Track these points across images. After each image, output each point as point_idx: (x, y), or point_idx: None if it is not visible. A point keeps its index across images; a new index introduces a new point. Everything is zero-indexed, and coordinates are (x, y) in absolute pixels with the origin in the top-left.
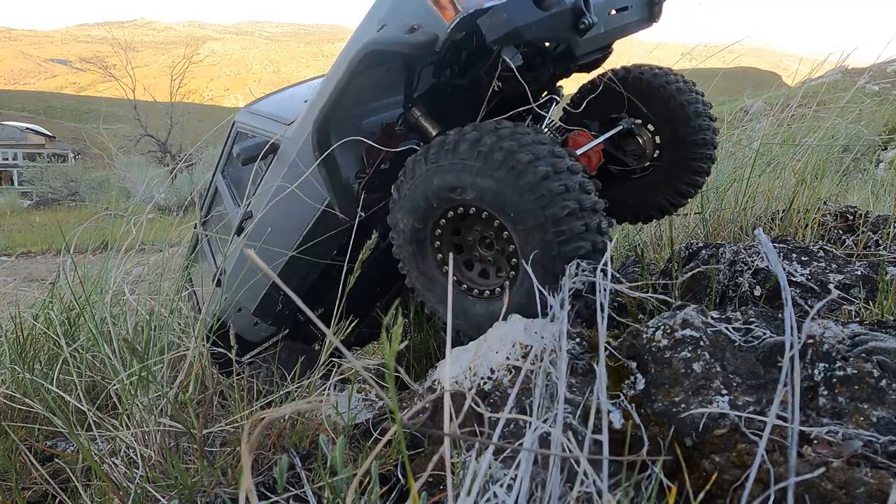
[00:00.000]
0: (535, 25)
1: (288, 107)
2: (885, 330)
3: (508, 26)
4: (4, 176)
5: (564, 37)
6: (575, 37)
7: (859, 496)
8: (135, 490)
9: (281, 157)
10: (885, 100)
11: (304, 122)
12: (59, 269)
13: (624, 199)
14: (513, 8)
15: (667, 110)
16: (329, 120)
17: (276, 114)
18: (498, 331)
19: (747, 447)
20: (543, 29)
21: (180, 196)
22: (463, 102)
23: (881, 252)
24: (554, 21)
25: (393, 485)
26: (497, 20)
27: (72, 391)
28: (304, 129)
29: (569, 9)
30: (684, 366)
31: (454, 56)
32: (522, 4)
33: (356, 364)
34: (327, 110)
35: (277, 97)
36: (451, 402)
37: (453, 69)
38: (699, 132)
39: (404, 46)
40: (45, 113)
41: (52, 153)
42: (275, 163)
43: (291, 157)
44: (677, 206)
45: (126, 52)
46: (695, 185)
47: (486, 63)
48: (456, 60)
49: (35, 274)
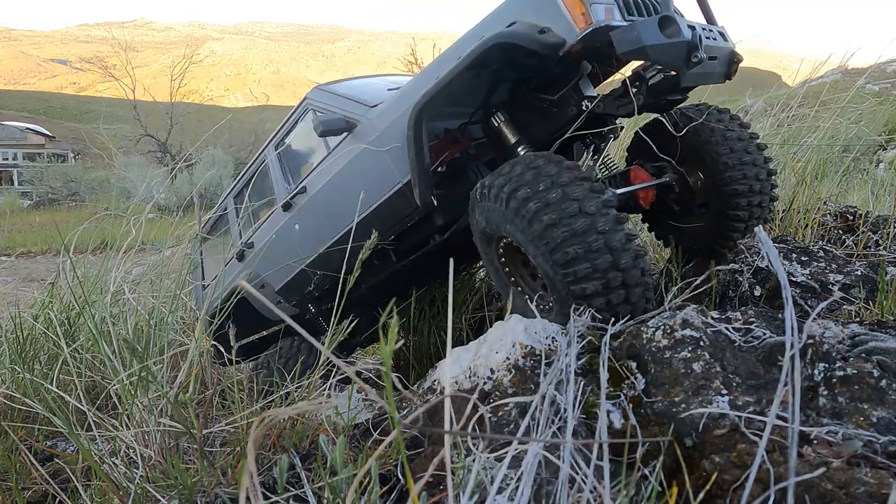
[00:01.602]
0: (659, 48)
1: (369, 92)
2: (885, 330)
3: (638, 43)
4: (4, 176)
5: (677, 65)
6: (685, 68)
7: (859, 496)
8: (135, 490)
9: (357, 137)
10: (885, 100)
11: (395, 105)
12: (58, 269)
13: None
14: (643, 28)
15: (706, 158)
16: (430, 105)
17: (358, 96)
18: (498, 331)
19: (747, 447)
20: (664, 54)
21: (180, 196)
22: (544, 117)
23: (881, 252)
24: (672, 49)
25: (393, 485)
26: (629, 36)
27: (72, 391)
28: (392, 113)
29: (686, 41)
30: (684, 366)
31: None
32: (651, 27)
33: (349, 369)
34: (432, 95)
35: (353, 83)
36: (451, 403)
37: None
38: (735, 182)
39: (535, 44)
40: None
41: (52, 153)
42: (348, 140)
43: (371, 137)
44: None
45: (126, 52)
46: (732, 231)
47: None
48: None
49: (35, 274)
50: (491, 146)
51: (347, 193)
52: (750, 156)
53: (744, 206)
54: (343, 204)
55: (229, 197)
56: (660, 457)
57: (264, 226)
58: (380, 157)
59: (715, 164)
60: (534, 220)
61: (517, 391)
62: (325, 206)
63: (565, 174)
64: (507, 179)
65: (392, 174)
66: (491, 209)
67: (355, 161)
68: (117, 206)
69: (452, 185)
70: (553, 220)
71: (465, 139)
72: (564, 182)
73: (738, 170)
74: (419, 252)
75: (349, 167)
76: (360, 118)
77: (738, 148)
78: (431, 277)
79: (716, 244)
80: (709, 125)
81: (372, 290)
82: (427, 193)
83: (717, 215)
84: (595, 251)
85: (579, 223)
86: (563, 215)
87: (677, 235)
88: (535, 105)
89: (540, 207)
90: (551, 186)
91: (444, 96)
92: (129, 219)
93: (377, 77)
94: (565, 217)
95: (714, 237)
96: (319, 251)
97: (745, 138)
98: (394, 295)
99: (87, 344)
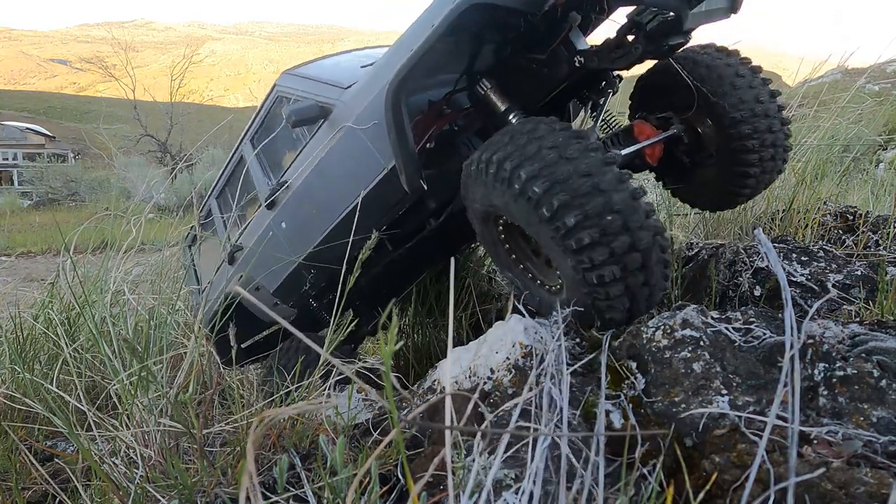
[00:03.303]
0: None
1: (341, 71)
2: (885, 330)
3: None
4: (4, 176)
5: (675, 5)
6: (686, 9)
7: (859, 496)
8: (135, 490)
9: (334, 123)
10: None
11: (370, 84)
12: (58, 269)
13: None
14: None
15: (714, 106)
16: (407, 81)
17: (329, 78)
18: (498, 331)
19: (747, 447)
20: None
21: (180, 196)
22: (534, 79)
23: (881, 252)
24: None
25: (393, 485)
26: None
27: (72, 391)
28: (368, 93)
29: None
30: (684, 366)
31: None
32: None
33: (346, 370)
34: (408, 70)
35: (324, 63)
36: (451, 403)
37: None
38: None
39: (513, 0)
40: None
41: (52, 153)
42: (325, 128)
43: (349, 122)
44: (732, 205)
45: (126, 52)
46: (741, 188)
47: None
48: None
49: (35, 274)
50: (480, 116)
51: (331, 185)
52: (762, 105)
53: (754, 161)
54: (327, 197)
55: (211, 198)
56: (660, 457)
57: (251, 225)
58: (360, 143)
59: (723, 114)
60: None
61: (517, 391)
62: (309, 202)
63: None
64: (497, 152)
65: (375, 160)
66: (484, 187)
67: (335, 150)
68: (117, 206)
69: (443, 163)
70: (564, 200)
71: (452, 110)
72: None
73: (749, 122)
74: (415, 239)
75: (329, 157)
76: (335, 102)
77: (749, 97)
78: (433, 262)
79: (726, 199)
80: (716, 70)
81: (371, 281)
82: (415, 177)
83: (727, 168)
84: (612, 233)
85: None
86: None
87: (689, 190)
88: (523, 66)
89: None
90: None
91: (421, 69)
92: (129, 219)
93: (350, 53)
94: (578, 196)
95: (724, 192)
96: (309, 250)
97: (756, 85)
98: (395, 283)
99: (87, 344)
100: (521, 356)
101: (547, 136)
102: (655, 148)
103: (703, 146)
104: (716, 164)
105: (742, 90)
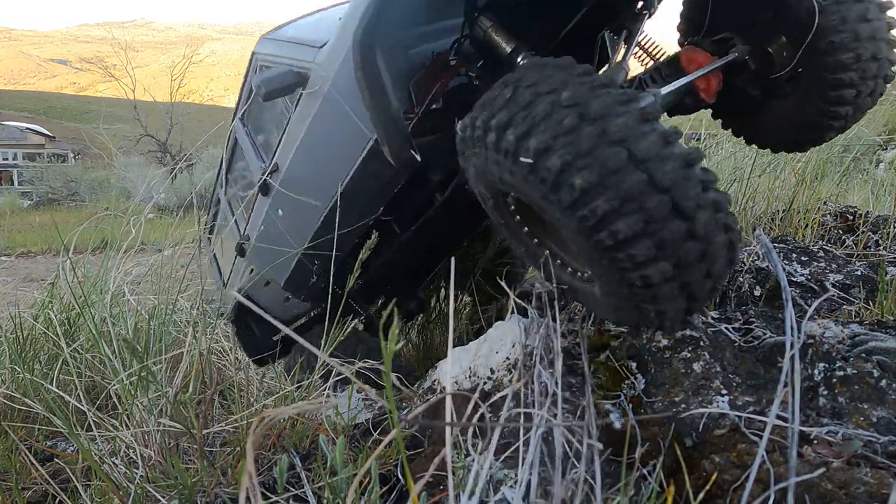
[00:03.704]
0: None
1: (318, 29)
2: (885, 330)
3: None
4: (4, 176)
5: None
6: None
7: (859, 496)
8: (135, 490)
9: (312, 90)
10: (885, 100)
11: (341, 38)
12: (58, 269)
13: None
14: None
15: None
16: (375, 27)
17: (305, 37)
18: (498, 331)
19: (747, 447)
20: None
21: (180, 196)
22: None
23: (881, 252)
24: None
25: (393, 485)
26: None
27: (72, 391)
28: (341, 47)
29: None
30: (684, 366)
31: None
32: None
33: (346, 371)
34: (377, 7)
35: (304, 21)
36: (451, 403)
37: None
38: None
39: None
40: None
41: (52, 153)
42: (304, 98)
43: (325, 88)
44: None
45: (126, 52)
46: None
47: None
48: None
49: (35, 274)
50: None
51: (318, 165)
52: (868, 25)
53: (849, 97)
54: (317, 179)
55: (218, 185)
56: (660, 457)
57: (253, 214)
58: (341, 112)
59: (819, 35)
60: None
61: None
62: (299, 185)
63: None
64: (495, 114)
65: (359, 131)
66: (483, 160)
67: (315, 122)
68: (117, 206)
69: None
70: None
71: (460, 61)
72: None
73: (851, 48)
74: (422, 219)
75: (311, 132)
76: (310, 65)
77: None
78: (450, 240)
79: (809, 136)
80: None
81: (383, 267)
82: (402, 148)
83: (813, 100)
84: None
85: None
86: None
87: (758, 128)
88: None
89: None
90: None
91: (398, 8)
92: (129, 219)
93: (336, 7)
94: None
95: (807, 127)
96: (309, 238)
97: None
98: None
99: (87, 344)
100: (521, 355)
101: (561, 87)
102: (711, 79)
103: (778, 67)
104: (795, 93)
105: (845, 4)
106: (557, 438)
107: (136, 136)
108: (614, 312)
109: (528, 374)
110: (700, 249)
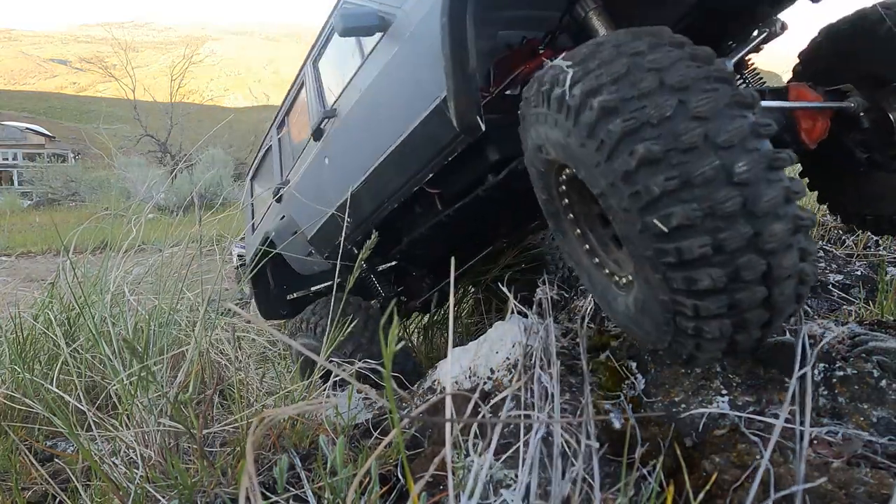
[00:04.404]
0: None
1: None
2: (885, 330)
3: None
4: (4, 176)
5: None
6: None
7: (859, 496)
8: (135, 490)
9: (393, 36)
10: None
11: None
12: (58, 269)
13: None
14: None
15: None
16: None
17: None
18: (498, 331)
19: (747, 447)
20: None
21: (180, 196)
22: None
23: (881, 252)
24: None
25: (393, 485)
26: None
27: (72, 391)
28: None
29: None
30: (684, 366)
31: None
32: None
33: (345, 373)
34: None
35: None
36: (451, 402)
37: None
38: None
39: None
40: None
41: (52, 153)
42: (383, 44)
43: (407, 34)
44: None
45: (126, 52)
46: None
47: None
48: None
49: (35, 274)
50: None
51: (378, 117)
52: None
53: None
54: (373, 131)
55: (273, 127)
56: (660, 457)
57: (299, 160)
58: (414, 64)
59: None
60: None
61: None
62: (354, 135)
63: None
64: (579, 71)
65: (428, 86)
66: (543, 121)
67: (386, 71)
68: (117, 206)
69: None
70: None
71: (549, 51)
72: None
73: None
74: (468, 197)
75: (380, 80)
76: (396, 11)
77: None
78: (489, 231)
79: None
80: None
81: (414, 244)
82: (469, 111)
83: None
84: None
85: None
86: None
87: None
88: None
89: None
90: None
91: None
92: (129, 219)
93: None
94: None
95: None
96: (347, 193)
97: None
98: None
99: (86, 344)
100: (521, 356)
101: (648, 50)
102: (818, 121)
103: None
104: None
105: None
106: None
107: (136, 136)
108: (645, 330)
109: (528, 375)
110: (764, 266)
